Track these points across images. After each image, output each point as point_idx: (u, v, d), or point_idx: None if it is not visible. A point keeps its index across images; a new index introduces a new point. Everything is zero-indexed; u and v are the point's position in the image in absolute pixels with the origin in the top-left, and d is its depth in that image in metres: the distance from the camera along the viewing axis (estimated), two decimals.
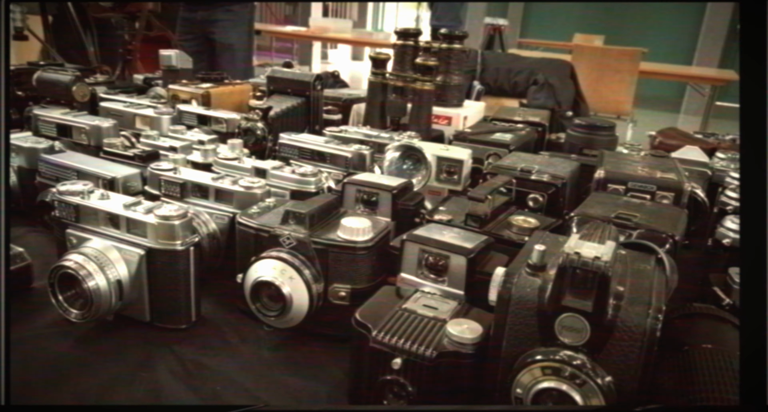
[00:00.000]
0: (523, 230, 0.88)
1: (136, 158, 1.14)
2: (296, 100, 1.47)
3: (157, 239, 0.80)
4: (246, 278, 0.81)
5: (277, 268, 0.79)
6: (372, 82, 1.50)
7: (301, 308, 0.79)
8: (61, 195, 0.85)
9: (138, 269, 0.80)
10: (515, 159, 1.14)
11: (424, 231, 0.80)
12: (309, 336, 0.83)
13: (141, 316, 0.83)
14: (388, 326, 0.65)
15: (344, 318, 0.81)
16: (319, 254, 0.80)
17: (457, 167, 1.13)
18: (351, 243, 0.80)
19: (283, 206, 0.90)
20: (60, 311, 0.80)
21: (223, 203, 0.96)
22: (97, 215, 0.83)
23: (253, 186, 0.94)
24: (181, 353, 0.78)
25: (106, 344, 0.79)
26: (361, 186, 1.00)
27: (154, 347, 0.79)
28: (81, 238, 0.83)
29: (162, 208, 0.81)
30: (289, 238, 0.80)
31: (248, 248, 0.85)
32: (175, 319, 0.83)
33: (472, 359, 0.63)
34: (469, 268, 0.75)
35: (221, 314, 0.88)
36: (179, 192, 0.97)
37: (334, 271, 0.81)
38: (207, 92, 1.59)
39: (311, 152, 1.22)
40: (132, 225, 0.81)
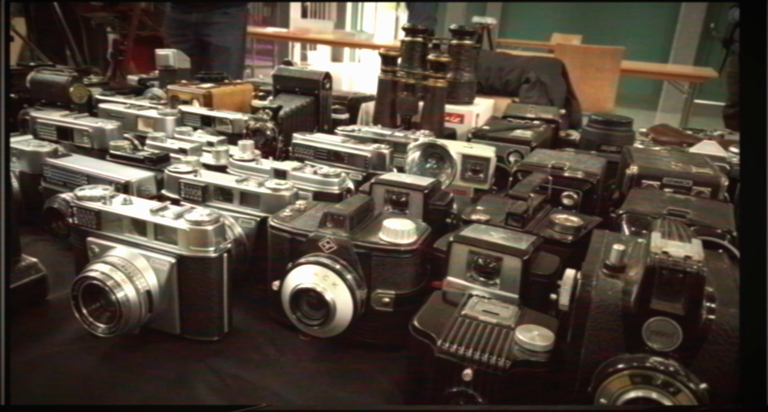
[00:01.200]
0: (566, 229, 0.85)
1: (147, 161, 1.09)
2: (305, 99, 1.42)
3: (188, 245, 0.74)
4: (284, 286, 0.77)
5: (318, 274, 0.74)
6: (382, 79, 1.46)
7: (345, 316, 0.74)
8: (79, 201, 0.79)
9: (168, 278, 0.75)
10: (542, 156, 1.11)
11: (470, 232, 0.76)
12: (350, 345, 0.78)
13: (171, 328, 0.78)
14: (453, 335, 0.61)
15: (387, 326, 0.77)
16: (361, 258, 0.76)
17: (484, 165, 1.10)
18: (395, 246, 0.75)
19: (315, 209, 0.85)
20: (85, 326, 0.74)
21: (248, 207, 0.91)
22: (121, 222, 0.77)
23: (281, 188, 0.90)
24: (218, 367, 0.73)
25: (135, 360, 0.74)
26: (391, 186, 0.96)
27: (188, 362, 0.74)
28: (104, 246, 0.78)
29: (192, 212, 0.76)
30: (330, 242, 0.76)
31: (283, 254, 0.80)
32: (208, 331, 0.78)
33: (545, 367, 0.59)
34: (524, 270, 0.71)
35: (253, 324, 0.83)
36: (200, 196, 0.92)
37: (377, 276, 0.76)
38: (209, 92, 1.54)
39: (328, 152, 1.17)
40: (160, 231, 0.76)
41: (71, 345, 0.76)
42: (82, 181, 1.00)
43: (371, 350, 0.78)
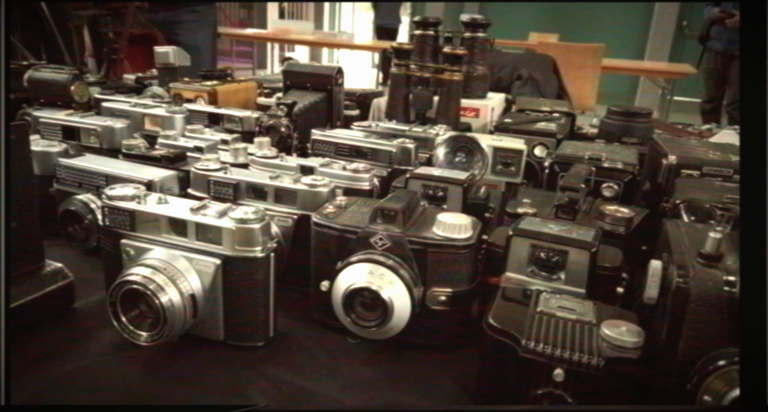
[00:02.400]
0: (618, 220, 0.82)
1: (164, 160, 1.04)
2: (318, 95, 1.38)
3: (233, 245, 0.70)
4: (335, 286, 0.72)
5: (374, 272, 0.70)
6: (395, 74, 1.42)
7: (402, 316, 0.70)
8: (110, 201, 0.74)
9: (213, 280, 0.70)
10: (574, 147, 1.08)
11: (528, 225, 0.73)
12: (403, 347, 0.74)
13: (214, 334, 0.73)
14: (537, 334, 0.58)
15: (443, 325, 0.73)
16: (416, 255, 0.72)
17: (516, 158, 1.07)
18: (452, 241, 0.72)
19: (357, 205, 0.81)
20: (124, 335, 0.69)
21: (284, 204, 0.86)
22: (158, 222, 0.72)
23: (318, 184, 0.85)
24: (270, 374, 0.69)
25: (180, 369, 0.69)
26: (428, 180, 0.92)
27: (237, 369, 0.69)
28: (140, 249, 0.73)
29: (236, 210, 0.71)
30: (383, 238, 0.72)
31: (329, 252, 0.76)
32: (253, 335, 0.74)
33: (638, 364, 0.55)
34: (591, 263, 0.68)
35: (296, 327, 0.79)
36: (232, 194, 0.87)
37: (432, 273, 0.73)
38: (214, 90, 1.49)
39: (350, 148, 1.13)
40: (202, 231, 0.71)
41: (109, 355, 0.71)
42: (100, 181, 0.95)
43: (426, 351, 0.75)
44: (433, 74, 1.39)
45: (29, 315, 0.73)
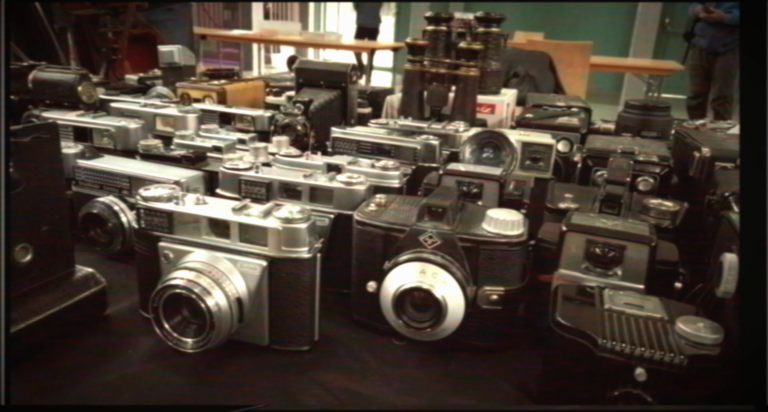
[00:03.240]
0: (663, 214, 0.80)
1: (184, 160, 1.00)
2: (332, 92, 1.35)
3: (279, 246, 0.67)
4: (384, 287, 0.70)
5: (426, 271, 0.68)
6: (409, 70, 1.40)
7: (456, 316, 0.68)
8: (146, 202, 0.71)
9: (259, 283, 0.68)
10: (603, 142, 1.06)
11: (581, 220, 0.71)
12: (453, 349, 0.72)
13: (258, 339, 0.70)
14: (612, 332, 0.55)
15: (494, 325, 0.71)
16: (467, 253, 0.70)
17: (545, 153, 1.05)
18: (505, 238, 0.69)
19: (397, 202, 0.79)
20: (168, 343, 0.66)
21: (319, 203, 0.83)
22: (199, 223, 0.69)
23: (355, 182, 0.83)
24: (322, 379, 0.66)
25: (227, 376, 0.66)
26: (463, 176, 0.90)
27: (287, 375, 0.67)
28: (179, 251, 0.70)
29: (281, 210, 0.68)
30: (432, 236, 0.69)
31: (374, 252, 0.73)
32: (299, 339, 0.71)
33: (720, 361, 0.53)
34: (650, 258, 0.66)
35: (338, 330, 0.76)
36: (265, 193, 0.84)
37: (484, 271, 0.70)
38: (223, 89, 1.46)
39: (372, 146, 1.10)
40: (246, 232, 0.68)
41: (150, 363, 0.67)
42: (123, 183, 0.92)
43: (476, 352, 0.72)
44: (448, 70, 1.37)
45: (63, 323, 0.70)
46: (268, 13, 8.98)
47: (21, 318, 0.65)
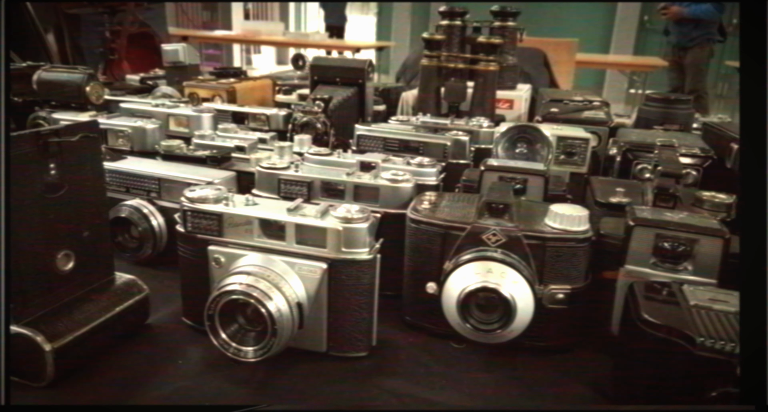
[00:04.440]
0: (717, 206, 0.78)
1: (209, 160, 0.97)
2: (349, 89, 1.32)
3: (339, 247, 0.64)
4: (446, 288, 0.67)
5: (494, 270, 0.65)
6: (426, 66, 1.37)
7: (525, 317, 0.65)
8: (193, 203, 0.67)
9: (318, 286, 0.64)
10: (638, 135, 1.04)
11: (648, 214, 0.69)
12: (515, 350, 0.69)
13: (316, 345, 0.67)
14: (707, 330, 0.53)
15: (559, 325, 0.69)
16: (532, 250, 0.67)
17: (581, 147, 1.02)
18: (572, 234, 0.67)
19: (448, 200, 0.76)
20: (226, 353, 0.62)
21: (363, 202, 0.80)
22: (251, 225, 0.66)
23: (400, 179, 0.80)
24: (388, 386, 0.63)
25: (288, 386, 0.63)
26: (506, 172, 0.87)
27: (352, 384, 0.63)
28: (231, 255, 0.66)
29: (338, 209, 0.65)
30: (496, 234, 0.67)
31: (431, 252, 0.70)
32: (357, 345, 0.68)
33: None
34: (724, 251, 0.64)
35: (392, 333, 0.73)
36: (306, 193, 0.81)
37: (550, 269, 0.68)
38: (233, 88, 1.42)
39: (399, 143, 1.07)
40: (303, 233, 0.64)
41: (205, 375, 0.64)
42: (151, 185, 0.88)
43: (540, 353, 0.70)
44: (467, 65, 1.34)
45: (109, 334, 0.66)
46: (248, 14, 8.88)
47: (68, 330, 0.61)
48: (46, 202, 0.61)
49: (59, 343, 0.59)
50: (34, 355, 0.58)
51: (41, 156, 0.59)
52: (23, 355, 0.59)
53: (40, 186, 0.60)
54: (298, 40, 5.91)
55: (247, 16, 8.83)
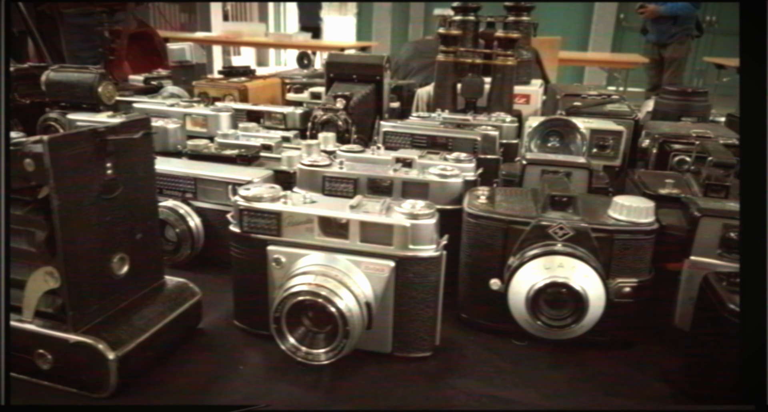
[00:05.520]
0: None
1: (239, 160, 0.94)
2: (367, 86, 1.29)
3: (406, 244, 0.62)
4: (513, 284, 0.65)
5: (565, 265, 0.63)
6: (442, 61, 1.35)
7: (596, 311, 0.64)
8: (249, 202, 0.65)
9: (386, 285, 0.62)
10: (672, 126, 1.04)
11: (713, 204, 0.68)
12: (579, 346, 0.67)
13: (381, 346, 0.65)
14: None
15: (625, 319, 0.67)
16: (600, 243, 0.65)
17: (615, 140, 1.01)
18: (640, 226, 0.66)
19: (503, 194, 0.74)
20: (295, 357, 0.60)
21: (412, 198, 0.78)
22: (312, 223, 0.63)
23: (450, 174, 0.78)
24: (462, 386, 0.61)
25: (360, 389, 0.61)
26: (550, 165, 0.86)
27: (423, 384, 0.61)
28: (293, 255, 0.64)
29: (403, 205, 0.63)
30: (563, 227, 0.65)
31: (493, 247, 0.69)
32: (422, 345, 0.66)
33: None
34: None
35: (450, 331, 0.71)
36: (352, 190, 0.79)
37: (617, 262, 0.66)
38: (245, 87, 1.39)
39: (428, 139, 1.05)
40: (367, 231, 0.62)
41: (271, 380, 0.62)
42: (187, 185, 0.85)
43: (604, 348, 0.68)
44: (484, 60, 1.33)
45: (167, 339, 0.63)
46: (227, 15, 8.79)
47: (130, 337, 0.58)
48: (103, 203, 0.58)
49: (122, 350, 0.56)
50: (96, 364, 0.56)
51: (98, 155, 0.56)
52: (84, 365, 0.56)
53: (98, 186, 0.57)
54: (281, 41, 5.87)
55: (226, 18, 8.74)
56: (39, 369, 0.58)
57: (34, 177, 0.53)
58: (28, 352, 0.57)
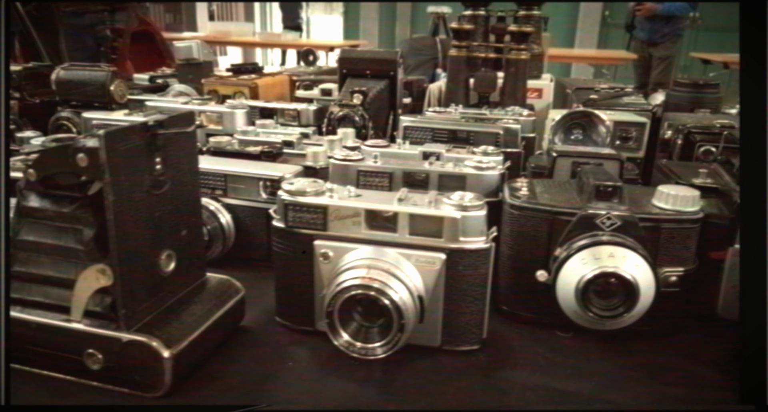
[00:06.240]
0: None
1: (264, 156, 0.93)
2: (381, 82, 1.29)
3: (457, 237, 0.61)
4: (562, 275, 0.65)
5: (616, 255, 0.63)
6: (455, 56, 1.35)
7: (646, 300, 0.64)
8: (294, 197, 0.64)
9: (437, 278, 0.61)
10: (691, 119, 1.04)
11: None
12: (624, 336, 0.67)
13: (430, 340, 0.64)
14: None
15: (670, 308, 0.67)
16: (647, 233, 0.65)
17: (638, 132, 1.02)
18: (686, 215, 0.66)
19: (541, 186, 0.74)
20: (350, 353, 0.60)
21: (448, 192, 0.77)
22: (359, 217, 0.63)
23: (487, 166, 0.78)
24: (518, 379, 0.61)
25: (415, 383, 0.60)
26: (580, 157, 0.85)
27: (481, 378, 0.61)
28: (341, 249, 0.63)
29: (452, 196, 0.62)
30: (611, 217, 0.65)
31: (537, 238, 0.68)
32: (470, 338, 0.65)
33: None
34: None
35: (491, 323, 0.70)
36: (387, 184, 0.78)
37: (664, 251, 0.66)
38: (255, 84, 1.38)
39: (449, 133, 1.05)
40: (416, 223, 0.62)
41: (323, 376, 0.61)
42: (217, 182, 0.84)
43: (649, 337, 0.68)
44: (498, 54, 1.32)
45: (214, 337, 0.62)
46: (212, 15, 8.73)
47: (182, 334, 0.57)
48: (152, 199, 0.56)
49: (177, 348, 0.55)
50: (150, 363, 0.55)
51: (149, 149, 0.55)
52: (137, 364, 0.55)
53: (148, 181, 0.56)
54: (269, 40, 5.84)
55: (212, 17, 8.68)
56: (88, 370, 0.56)
57: (87, 172, 0.52)
58: (76, 352, 0.56)
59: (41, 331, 0.57)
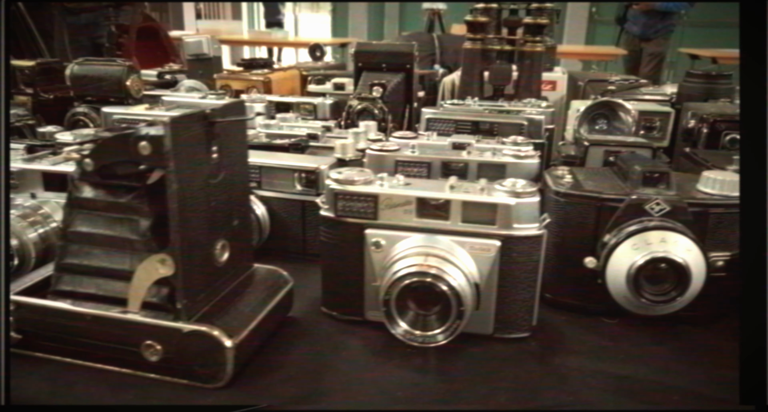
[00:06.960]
0: None
1: (291, 148, 0.93)
2: (398, 75, 1.28)
3: (511, 224, 0.61)
4: (612, 262, 0.65)
5: (667, 240, 0.63)
6: (469, 49, 1.35)
7: (697, 284, 0.64)
8: (343, 185, 0.63)
9: (492, 265, 0.61)
10: (712, 108, 1.05)
11: None
12: (668, 321, 0.67)
13: (483, 328, 0.64)
14: None
15: (717, 293, 0.68)
16: (696, 217, 0.66)
17: (662, 121, 1.02)
18: (733, 200, 0.66)
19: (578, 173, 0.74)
20: (411, 342, 0.60)
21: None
22: (411, 205, 0.62)
23: (525, 155, 0.78)
24: (576, 365, 0.61)
25: (470, 371, 0.60)
26: (613, 146, 0.86)
27: (538, 364, 0.61)
28: (393, 238, 0.62)
29: (504, 183, 0.62)
30: (660, 203, 0.65)
31: (585, 225, 0.69)
32: (521, 325, 0.65)
33: None
34: None
35: (540, 311, 0.70)
36: (426, 173, 0.78)
37: (712, 236, 0.67)
38: (268, 79, 1.37)
39: (473, 124, 1.05)
40: (468, 211, 0.62)
41: (380, 365, 0.60)
42: (252, 174, 0.83)
43: (694, 322, 0.68)
44: (513, 47, 1.33)
45: (269, 327, 0.62)
46: (200, 13, 8.68)
47: (241, 324, 0.56)
48: (209, 188, 0.56)
49: (238, 338, 0.55)
50: (213, 353, 0.54)
51: (207, 138, 0.55)
52: (198, 354, 0.54)
53: (207, 170, 0.55)
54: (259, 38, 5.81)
55: (199, 16, 8.63)
56: (146, 361, 0.55)
57: (150, 160, 0.51)
58: (133, 344, 0.55)
59: (96, 323, 0.56)
